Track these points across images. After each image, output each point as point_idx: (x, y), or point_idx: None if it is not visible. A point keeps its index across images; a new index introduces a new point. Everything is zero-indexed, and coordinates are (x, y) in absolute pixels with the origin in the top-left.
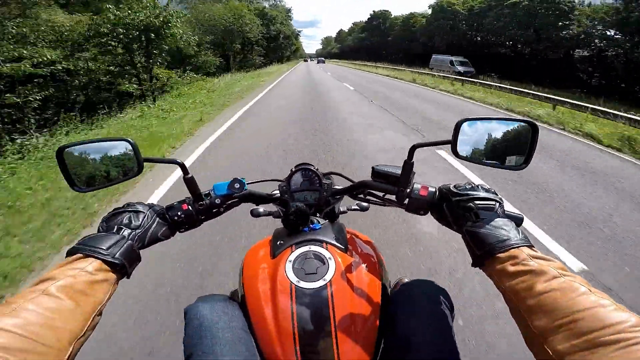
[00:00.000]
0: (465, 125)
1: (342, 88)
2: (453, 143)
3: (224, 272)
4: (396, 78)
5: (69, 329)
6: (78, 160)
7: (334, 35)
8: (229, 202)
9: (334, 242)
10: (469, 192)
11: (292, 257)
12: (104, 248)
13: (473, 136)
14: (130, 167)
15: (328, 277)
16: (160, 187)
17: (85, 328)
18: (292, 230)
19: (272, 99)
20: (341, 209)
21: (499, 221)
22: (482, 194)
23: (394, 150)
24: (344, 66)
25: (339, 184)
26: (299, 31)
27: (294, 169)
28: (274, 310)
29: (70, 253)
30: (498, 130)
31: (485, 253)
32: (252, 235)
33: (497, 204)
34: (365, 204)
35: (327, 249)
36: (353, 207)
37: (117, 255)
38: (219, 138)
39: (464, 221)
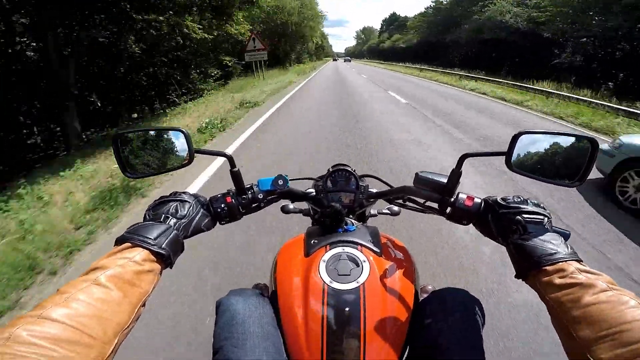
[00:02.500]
0: (522, 138)
1: (388, 101)
2: (508, 155)
3: None
4: (471, 91)
5: (116, 321)
6: (132, 147)
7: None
8: (269, 197)
9: (369, 245)
10: (518, 205)
11: (326, 257)
12: (152, 238)
13: (529, 149)
14: (182, 156)
15: (362, 279)
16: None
17: (131, 319)
18: (326, 229)
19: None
20: (372, 212)
21: (547, 235)
22: (531, 208)
23: None
24: (380, 68)
25: (374, 186)
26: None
27: (331, 169)
28: (304, 308)
29: (119, 241)
30: (555, 145)
31: (531, 265)
32: None
33: (546, 218)
34: (396, 208)
35: (361, 251)
36: (384, 211)
37: (163, 246)
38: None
39: (510, 234)
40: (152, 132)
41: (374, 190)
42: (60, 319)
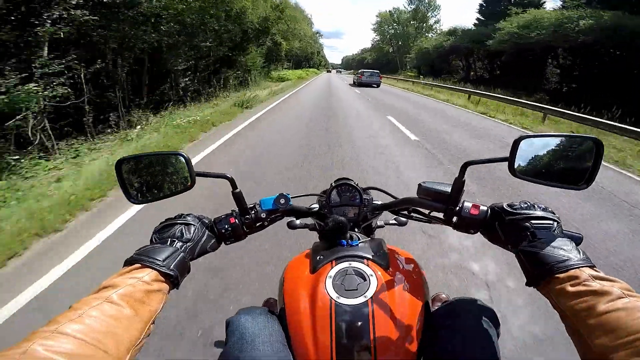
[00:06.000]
0: (523, 143)
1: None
2: (510, 161)
3: None
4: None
5: (128, 337)
6: (134, 173)
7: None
8: (273, 216)
9: (375, 258)
10: (525, 212)
11: (332, 272)
12: (160, 260)
13: (531, 154)
14: (183, 180)
15: (369, 294)
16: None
17: (142, 336)
18: (331, 244)
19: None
20: (378, 224)
21: (558, 241)
22: (539, 213)
23: None
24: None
25: (378, 198)
26: (320, 34)
27: (333, 184)
28: (313, 325)
29: (128, 262)
30: (558, 148)
31: (543, 273)
32: None
33: (555, 223)
34: (403, 218)
35: (368, 265)
36: (391, 222)
37: (172, 267)
38: None
39: (520, 241)
40: (152, 157)
41: (378, 203)
42: (74, 335)
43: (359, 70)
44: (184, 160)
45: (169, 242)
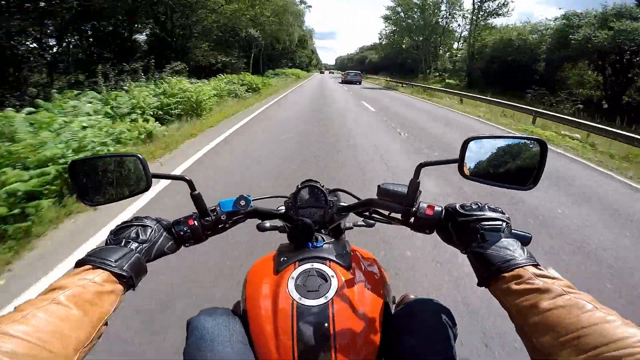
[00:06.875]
0: (472, 143)
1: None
2: (460, 162)
3: None
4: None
5: (76, 337)
6: (89, 174)
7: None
8: (235, 218)
9: (337, 259)
10: (476, 213)
11: (295, 273)
12: (113, 260)
13: (480, 155)
14: (139, 182)
15: (330, 295)
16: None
17: (92, 337)
18: (297, 245)
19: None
20: (347, 225)
21: (504, 242)
22: (489, 214)
23: None
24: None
25: (346, 200)
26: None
27: (300, 186)
28: (274, 326)
29: (79, 264)
30: (506, 149)
31: (490, 273)
32: None
33: (504, 223)
34: (370, 220)
35: (329, 266)
36: (359, 223)
37: (125, 268)
38: None
39: (470, 242)
40: (108, 159)
41: (344, 204)
42: (17, 335)
43: (345, 71)
44: (139, 162)
45: (123, 242)
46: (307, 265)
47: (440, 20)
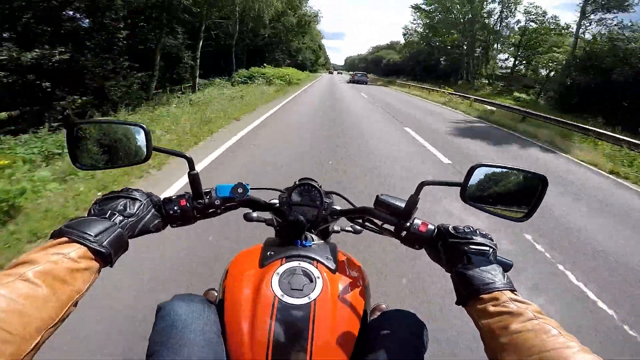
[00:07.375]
0: (477, 170)
1: None
2: (463, 187)
3: None
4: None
5: (40, 317)
6: (88, 138)
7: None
8: (228, 204)
9: (324, 261)
10: (466, 236)
11: (281, 270)
12: (92, 234)
13: (483, 182)
14: (139, 153)
15: (313, 295)
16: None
17: (58, 318)
18: (285, 241)
19: None
20: (335, 228)
21: (488, 266)
22: (478, 239)
23: None
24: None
25: (339, 204)
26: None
27: (297, 182)
28: (251, 320)
29: (55, 235)
30: (508, 179)
31: (470, 293)
32: None
33: (491, 249)
34: (358, 227)
35: (316, 267)
36: (347, 228)
37: (104, 244)
38: None
39: (457, 263)
40: (111, 125)
41: (338, 208)
42: None
43: (353, 72)
44: (143, 133)
45: (108, 214)
46: (294, 263)
47: (492, 15)
